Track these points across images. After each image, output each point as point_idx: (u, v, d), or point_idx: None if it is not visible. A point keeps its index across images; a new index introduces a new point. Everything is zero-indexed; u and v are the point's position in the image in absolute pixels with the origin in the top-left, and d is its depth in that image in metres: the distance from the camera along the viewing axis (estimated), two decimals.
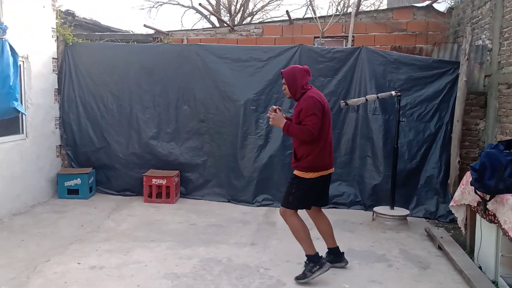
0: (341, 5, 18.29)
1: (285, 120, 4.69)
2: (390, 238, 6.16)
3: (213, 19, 21.37)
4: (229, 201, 7.80)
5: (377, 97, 6.67)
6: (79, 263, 5.12)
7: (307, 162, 4.64)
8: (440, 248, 5.70)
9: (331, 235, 5.09)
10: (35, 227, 6.39)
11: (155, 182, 7.69)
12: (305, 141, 4.61)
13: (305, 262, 4.74)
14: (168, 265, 5.10)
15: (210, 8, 17.00)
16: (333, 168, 4.89)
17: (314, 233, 6.24)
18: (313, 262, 4.68)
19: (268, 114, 4.81)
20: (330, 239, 5.09)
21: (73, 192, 7.89)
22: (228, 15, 20.68)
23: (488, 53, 7.22)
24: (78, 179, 7.86)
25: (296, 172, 4.74)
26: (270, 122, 4.78)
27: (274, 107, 4.80)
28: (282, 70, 4.79)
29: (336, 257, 5.09)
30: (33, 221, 6.64)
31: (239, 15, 21.32)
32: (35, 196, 7.48)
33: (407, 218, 6.77)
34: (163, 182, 7.65)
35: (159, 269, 4.99)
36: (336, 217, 7.06)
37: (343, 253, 5.15)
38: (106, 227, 6.43)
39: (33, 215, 6.96)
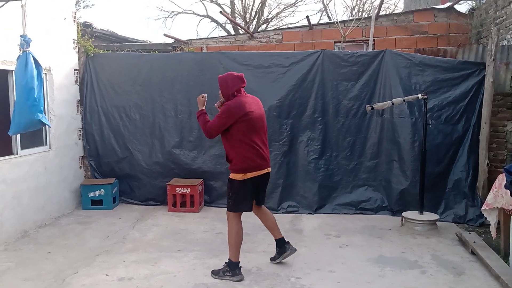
0: (356, 9, 18.26)
1: (202, 108, 5.15)
2: (420, 244, 6.03)
3: (229, 27, 21.45)
4: None
5: (403, 100, 6.58)
6: (107, 275, 5.07)
7: (236, 165, 4.89)
8: (473, 253, 5.57)
9: (273, 228, 5.31)
10: (61, 238, 6.38)
11: (179, 191, 7.65)
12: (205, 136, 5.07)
13: (226, 263, 5.03)
14: (197, 275, 5.03)
15: (230, 16, 17.02)
16: (267, 169, 5.06)
17: (343, 241, 6.17)
18: (230, 268, 4.96)
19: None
20: (273, 231, 5.33)
21: (97, 203, 7.89)
22: (243, 22, 20.70)
23: None
24: (102, 189, 7.85)
25: (230, 175, 4.98)
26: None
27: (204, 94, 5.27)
28: (219, 76, 5.10)
29: (280, 247, 5.33)
30: (58, 233, 6.63)
31: (254, 22, 21.35)
32: (60, 207, 7.49)
33: (437, 222, 6.64)
34: (187, 191, 7.61)
35: (188, 280, 4.92)
36: (364, 223, 6.98)
37: (287, 242, 5.35)
38: (132, 238, 6.39)
39: (58, 226, 6.96)
